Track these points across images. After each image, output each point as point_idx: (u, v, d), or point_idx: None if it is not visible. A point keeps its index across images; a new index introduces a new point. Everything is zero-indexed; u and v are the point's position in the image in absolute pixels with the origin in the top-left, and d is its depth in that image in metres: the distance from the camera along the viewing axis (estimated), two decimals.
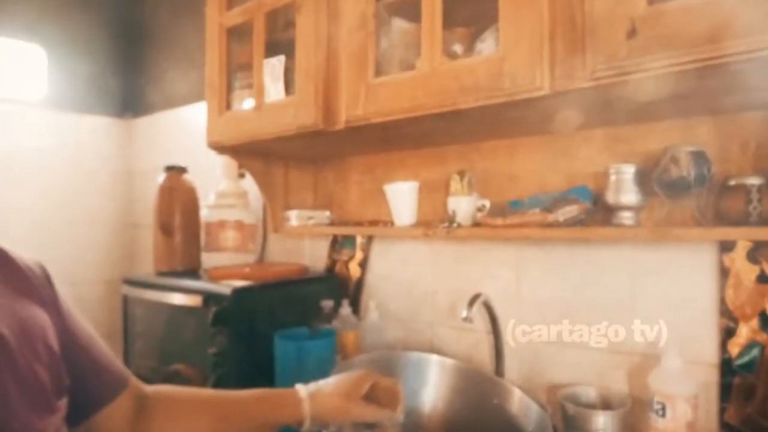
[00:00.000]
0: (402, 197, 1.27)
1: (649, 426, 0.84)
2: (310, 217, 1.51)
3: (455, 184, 1.16)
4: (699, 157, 0.85)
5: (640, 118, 0.95)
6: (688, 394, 0.82)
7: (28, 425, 0.56)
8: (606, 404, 0.94)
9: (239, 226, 1.65)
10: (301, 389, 0.77)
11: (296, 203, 1.57)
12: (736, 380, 0.84)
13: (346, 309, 1.35)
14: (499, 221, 1.02)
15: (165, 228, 1.53)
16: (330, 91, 1.06)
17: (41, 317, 0.63)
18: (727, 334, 0.86)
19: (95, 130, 2.22)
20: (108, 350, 0.74)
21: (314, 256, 1.58)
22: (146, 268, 2.13)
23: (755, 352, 0.83)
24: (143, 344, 1.45)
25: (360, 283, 1.44)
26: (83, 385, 0.66)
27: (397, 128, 1.03)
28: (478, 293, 1.01)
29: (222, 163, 1.66)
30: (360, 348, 1.29)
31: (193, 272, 1.53)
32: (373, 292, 1.40)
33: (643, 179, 0.91)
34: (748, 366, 0.83)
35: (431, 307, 1.27)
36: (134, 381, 0.76)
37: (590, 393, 0.97)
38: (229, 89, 1.32)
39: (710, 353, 0.88)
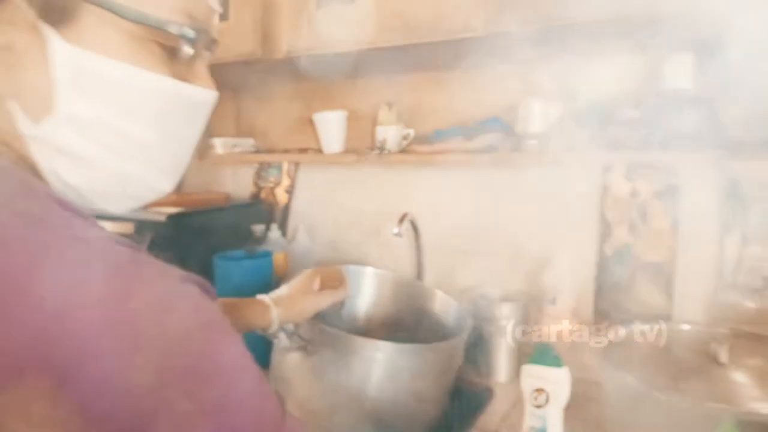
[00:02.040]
0: (331, 126, 1.36)
1: (542, 313, 1.05)
2: (235, 145, 1.54)
3: (384, 114, 1.27)
4: (593, 92, 1.04)
5: (544, 57, 1.11)
6: (573, 287, 1.04)
7: None
8: (508, 299, 1.14)
9: None
10: (264, 297, 0.84)
11: (218, 131, 1.59)
12: (609, 274, 1.08)
13: (275, 232, 1.44)
14: (425, 149, 1.15)
15: None
16: (269, 19, 1.09)
17: None
18: (604, 238, 1.09)
19: None
20: None
21: (238, 183, 1.62)
22: None
23: (624, 251, 1.06)
24: None
25: (287, 208, 1.52)
26: None
27: (334, 61, 1.09)
28: (406, 213, 1.15)
29: None
30: (290, 269, 1.39)
31: None
32: (301, 217, 1.50)
33: (547, 111, 1.08)
34: (618, 263, 1.07)
35: (358, 229, 1.40)
36: None
37: (495, 292, 1.17)
38: None
39: (591, 253, 1.11)
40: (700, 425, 0.63)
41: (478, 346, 1.07)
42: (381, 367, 0.84)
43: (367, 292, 1.15)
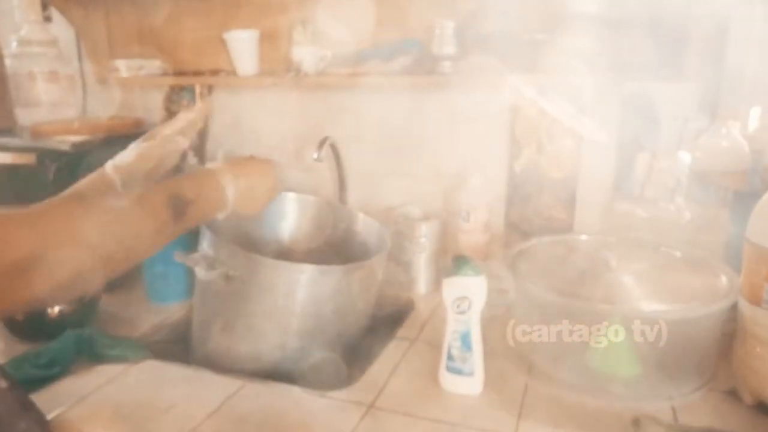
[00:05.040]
0: (244, 46, 1.30)
1: (457, 229, 1.12)
2: (141, 67, 1.45)
3: (298, 34, 1.23)
4: (504, 16, 1.05)
5: None
6: (485, 203, 1.10)
7: None
8: (428, 217, 1.20)
9: (54, 77, 1.50)
10: (108, 165, 0.74)
11: (121, 53, 1.47)
12: (518, 190, 1.15)
13: (192, 159, 1.40)
14: (342, 71, 1.13)
15: None
16: None
17: None
18: (514, 157, 1.15)
19: None
20: None
21: (147, 108, 1.53)
22: None
23: (531, 169, 1.13)
24: None
25: (204, 133, 1.47)
26: None
27: None
28: (326, 136, 1.15)
29: (20, 3, 1.45)
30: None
31: (8, 130, 1.40)
32: (220, 141, 1.45)
33: (461, 33, 1.09)
34: (526, 179, 1.14)
35: (279, 153, 1.38)
36: None
37: (415, 211, 1.22)
38: None
39: (502, 171, 1.17)
40: (594, 324, 0.73)
41: (399, 263, 1.13)
42: (305, 289, 0.87)
43: (290, 217, 1.16)
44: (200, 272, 0.88)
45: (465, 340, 0.77)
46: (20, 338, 1.00)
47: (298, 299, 0.87)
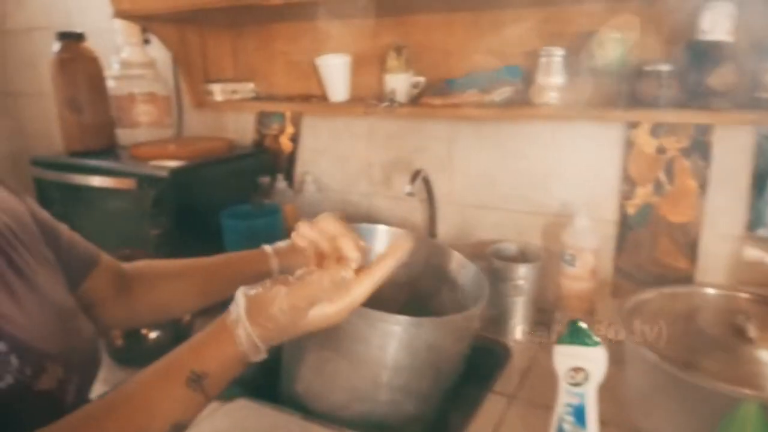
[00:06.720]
0: (336, 71, 1.28)
1: (561, 273, 1.03)
2: (234, 91, 1.46)
3: (392, 60, 1.18)
4: (620, 43, 0.95)
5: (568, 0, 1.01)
6: (593, 246, 1.01)
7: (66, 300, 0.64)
8: (524, 256, 1.12)
9: (151, 98, 1.56)
10: (266, 247, 0.81)
11: (215, 75, 1.50)
12: (630, 234, 1.05)
13: (281, 183, 1.40)
14: (438, 101, 1.08)
15: (73, 104, 1.41)
16: None
17: (18, 204, 0.67)
18: (626, 196, 1.05)
19: None
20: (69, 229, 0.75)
21: (238, 129, 1.55)
22: (39, 143, 1.96)
23: (647, 211, 1.03)
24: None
25: (292, 157, 1.46)
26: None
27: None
28: (419, 169, 1.10)
29: (121, 26, 1.50)
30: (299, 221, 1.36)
31: (110, 151, 1.46)
32: (307, 166, 1.44)
33: (569, 61, 1.01)
34: (641, 223, 1.04)
35: (367, 179, 1.35)
36: (106, 257, 0.79)
37: (512, 248, 1.14)
38: None
39: (611, 212, 1.07)
40: (723, 407, 0.63)
41: (492, 304, 1.06)
42: (398, 341, 0.83)
43: (378, 251, 1.12)
44: None
45: (579, 416, 0.70)
46: (119, 363, 1.03)
47: (390, 351, 0.83)
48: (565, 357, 0.70)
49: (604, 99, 0.99)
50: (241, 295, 0.55)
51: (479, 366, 0.99)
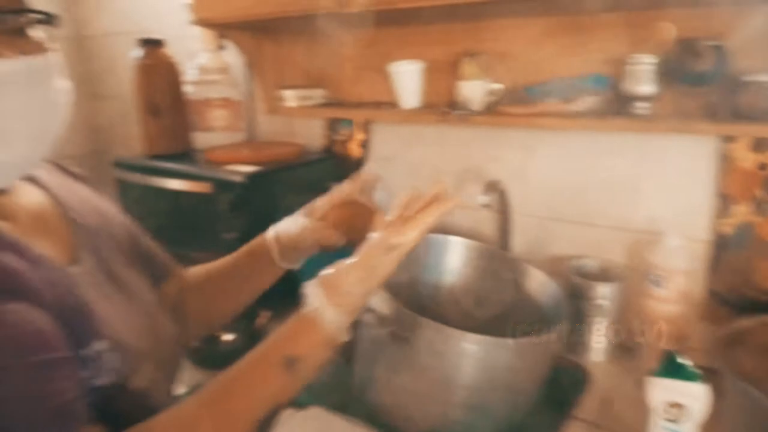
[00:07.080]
0: (408, 78, 1.26)
1: (647, 294, 0.97)
2: (307, 97, 1.47)
3: (467, 67, 1.15)
4: (718, 51, 0.89)
5: (658, 4, 0.95)
6: (684, 268, 0.94)
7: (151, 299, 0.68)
8: (606, 275, 1.06)
9: (226, 103, 1.59)
10: (269, 233, 0.83)
11: (288, 81, 1.51)
12: (726, 255, 0.97)
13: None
14: (517, 110, 1.04)
15: (153, 109, 1.46)
16: None
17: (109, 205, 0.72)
18: (721, 215, 0.97)
19: None
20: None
21: (308, 134, 1.56)
22: (119, 144, 2.05)
23: (745, 231, 0.95)
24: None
25: (361, 164, 1.46)
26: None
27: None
28: (495, 180, 1.07)
29: (199, 33, 1.55)
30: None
31: (187, 154, 1.51)
32: (376, 174, 1.43)
33: (661, 69, 0.94)
34: (739, 243, 0.96)
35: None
36: (180, 269, 0.81)
37: (592, 265, 1.09)
38: None
39: (704, 231, 1.00)
40: None
41: (571, 324, 1.02)
42: (474, 361, 0.80)
43: (452, 263, 1.10)
44: (368, 329, 0.85)
45: None
46: (198, 365, 1.06)
47: (465, 370, 0.81)
48: (662, 390, 0.65)
49: (698, 110, 0.92)
50: (315, 284, 0.61)
51: (556, 389, 0.95)
